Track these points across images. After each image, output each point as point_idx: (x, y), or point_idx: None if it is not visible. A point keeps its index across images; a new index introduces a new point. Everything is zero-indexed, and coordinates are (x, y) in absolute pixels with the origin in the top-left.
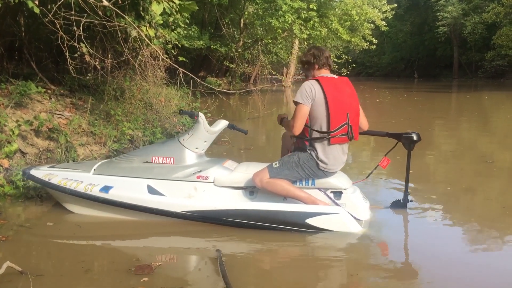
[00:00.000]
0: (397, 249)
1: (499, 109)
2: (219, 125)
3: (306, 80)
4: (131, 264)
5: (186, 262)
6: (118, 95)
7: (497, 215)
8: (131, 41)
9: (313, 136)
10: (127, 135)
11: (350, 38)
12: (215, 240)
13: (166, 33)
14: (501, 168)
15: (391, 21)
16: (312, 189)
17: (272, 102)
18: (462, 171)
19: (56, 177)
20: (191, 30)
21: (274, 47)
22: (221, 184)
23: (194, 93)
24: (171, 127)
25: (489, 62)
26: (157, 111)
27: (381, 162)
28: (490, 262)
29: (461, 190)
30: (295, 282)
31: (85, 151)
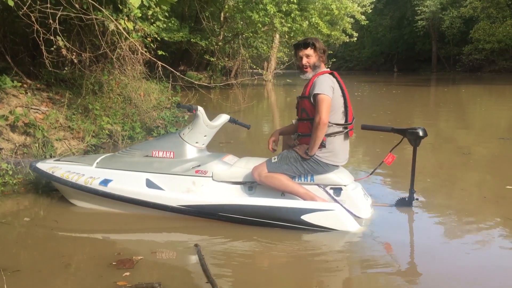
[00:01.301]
0: (396, 248)
1: (475, 102)
2: (220, 120)
3: (305, 72)
4: (113, 258)
5: (168, 256)
6: (96, 89)
7: (479, 205)
8: (108, 35)
9: (332, 131)
10: (106, 129)
11: (330, 32)
12: (197, 235)
13: (145, 26)
14: (477, 159)
15: (370, 15)
16: (311, 185)
17: (253, 96)
18: (441, 164)
19: (59, 170)
20: (171, 22)
21: (255, 41)
22: (220, 179)
23: (174, 87)
24: (151, 121)
25: (466, 56)
26: (136, 106)
27: (385, 158)
28: (496, 260)
29: (440, 182)
30: (279, 277)
31: (63, 146)
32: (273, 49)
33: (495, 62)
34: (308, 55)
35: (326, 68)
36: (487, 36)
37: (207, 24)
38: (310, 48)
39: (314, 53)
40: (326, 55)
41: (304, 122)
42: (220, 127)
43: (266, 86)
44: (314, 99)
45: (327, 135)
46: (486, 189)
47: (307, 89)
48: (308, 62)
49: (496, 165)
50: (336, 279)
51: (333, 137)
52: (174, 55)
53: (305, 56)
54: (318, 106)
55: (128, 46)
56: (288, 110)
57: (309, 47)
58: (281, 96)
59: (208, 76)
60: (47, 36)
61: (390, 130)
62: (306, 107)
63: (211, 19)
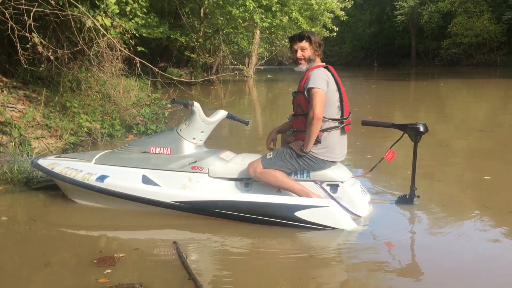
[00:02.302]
0: (396, 246)
1: (454, 96)
2: (217, 116)
3: (299, 64)
4: (94, 256)
5: (149, 253)
6: (74, 87)
7: (462, 197)
8: (85, 31)
9: (328, 126)
10: (85, 127)
11: (310, 27)
12: (179, 232)
13: (123, 22)
14: (455, 151)
15: (350, 10)
16: (307, 182)
17: (235, 92)
18: (421, 156)
19: (59, 166)
20: (150, 18)
21: (236, 37)
22: (216, 175)
23: (154, 84)
24: (131, 118)
25: (445, 50)
26: (115, 103)
27: (386, 154)
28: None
29: (421, 175)
30: (260, 273)
31: (40, 145)
32: (254, 45)
33: (473, 56)
34: (303, 48)
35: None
36: (464, 30)
37: (187, 20)
38: (305, 41)
39: (309, 46)
40: (322, 49)
41: (299, 118)
42: (217, 123)
43: (247, 82)
44: (308, 94)
45: (323, 131)
46: (466, 180)
47: (301, 83)
48: (303, 55)
49: (474, 157)
50: (331, 277)
51: (329, 133)
52: (154, 51)
53: (300, 49)
54: (312, 100)
55: (106, 42)
56: (270, 106)
57: (304, 40)
58: (263, 91)
59: (189, 73)
60: (22, 33)
61: (390, 126)
62: (301, 102)
63: (191, 15)
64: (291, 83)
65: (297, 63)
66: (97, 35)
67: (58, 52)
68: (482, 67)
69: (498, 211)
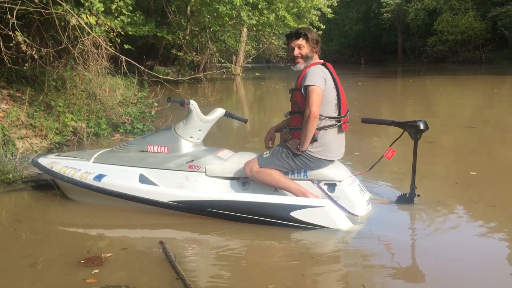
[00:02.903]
0: (396, 246)
1: (440, 93)
2: (215, 114)
3: (296, 63)
4: (81, 256)
5: (138, 253)
6: (59, 86)
7: (448, 192)
8: (69, 29)
9: (324, 124)
10: (70, 126)
11: (297, 25)
12: (167, 231)
13: (109, 20)
14: (442, 147)
15: (337, 8)
16: (304, 181)
17: (222, 90)
18: (408, 153)
19: (58, 165)
20: (136, 16)
21: (223, 35)
22: (213, 174)
23: (141, 83)
24: (117, 117)
25: (431, 47)
26: (101, 102)
27: (386, 153)
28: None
29: (408, 171)
30: (250, 271)
31: (25, 145)
32: (241, 42)
33: (458, 53)
34: (300, 45)
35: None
36: (450, 27)
37: (174, 18)
38: (302, 38)
39: (306, 43)
40: (319, 46)
41: (296, 115)
42: (215, 121)
43: (235, 80)
44: (305, 91)
45: (319, 129)
46: (453, 176)
47: (298, 80)
48: (300, 53)
49: (461, 153)
50: (322, 275)
51: (326, 131)
52: (141, 50)
53: (297, 47)
54: (308, 98)
55: (92, 41)
56: (257, 103)
57: (301, 37)
58: (250, 89)
59: (176, 71)
60: (5, 32)
61: (390, 123)
62: (297, 99)
63: (177, 13)
64: (278, 81)
65: (294, 61)
66: (82, 34)
67: (42, 51)
68: (468, 64)
69: (493, 206)
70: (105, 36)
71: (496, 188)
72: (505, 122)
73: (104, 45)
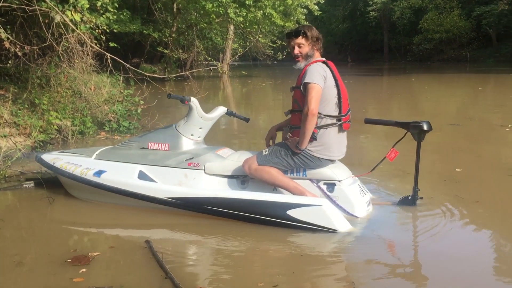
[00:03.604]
0: (397, 248)
1: (425, 91)
2: (216, 112)
3: (297, 61)
4: (68, 255)
5: (125, 251)
6: (43, 83)
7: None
8: (53, 27)
9: (324, 123)
10: (54, 125)
11: (284, 23)
12: (155, 230)
13: (94, 17)
14: (428, 144)
15: (323, 6)
16: (303, 180)
17: (209, 88)
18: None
19: (60, 161)
20: (122, 14)
21: (209, 33)
22: (212, 172)
23: (127, 81)
24: (103, 115)
25: (416, 45)
26: (86, 100)
27: (388, 154)
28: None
29: (395, 168)
30: (239, 269)
31: (8, 143)
32: (228, 40)
33: (444, 52)
34: (300, 44)
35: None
36: (435, 26)
37: (160, 16)
38: (301, 37)
39: (306, 42)
40: (321, 43)
41: (296, 114)
42: (216, 119)
43: (222, 78)
44: (304, 89)
45: (319, 128)
46: (440, 173)
47: (299, 78)
48: (300, 52)
49: (447, 150)
50: (314, 274)
51: (325, 130)
52: (127, 47)
53: (296, 46)
54: (307, 95)
55: (77, 38)
56: (244, 101)
57: (300, 36)
58: (237, 87)
59: (162, 69)
60: None
61: (393, 124)
62: (298, 97)
63: (163, 10)
64: (265, 79)
65: (295, 60)
66: (67, 31)
67: (26, 48)
68: (453, 62)
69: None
70: (90, 34)
71: (484, 185)
72: (490, 120)
73: (89, 42)
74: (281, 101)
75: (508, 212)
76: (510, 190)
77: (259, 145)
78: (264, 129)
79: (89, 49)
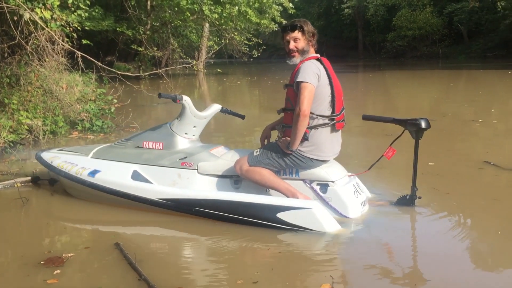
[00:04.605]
0: (393, 251)
1: (399, 87)
2: (210, 110)
3: (292, 57)
4: (42, 257)
5: (100, 252)
6: (12, 83)
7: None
8: (22, 24)
9: (317, 123)
10: (25, 124)
11: (259, 20)
12: (131, 229)
13: (65, 15)
14: (402, 140)
15: (299, 3)
16: (296, 181)
17: (184, 86)
18: (369, 148)
19: (58, 159)
20: (94, 11)
21: (184, 30)
22: (205, 171)
23: (101, 79)
24: (75, 115)
25: (390, 42)
26: (58, 99)
27: (386, 152)
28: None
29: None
30: (216, 268)
31: None
32: (203, 38)
33: (417, 48)
34: (296, 38)
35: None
36: (408, 23)
37: (133, 13)
38: (298, 31)
39: (302, 36)
40: (316, 39)
41: (289, 113)
42: (210, 117)
43: (197, 76)
44: (297, 88)
45: (311, 128)
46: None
47: (292, 76)
48: (296, 47)
49: (421, 144)
50: (295, 272)
51: (317, 130)
52: (100, 45)
53: (292, 40)
54: (299, 95)
55: (47, 36)
56: (221, 98)
57: (296, 30)
58: (213, 85)
59: (137, 67)
60: None
61: (391, 121)
62: (290, 96)
63: (137, 7)
64: (240, 76)
65: (289, 55)
66: (36, 29)
67: None
68: (426, 59)
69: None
70: (61, 31)
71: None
72: (462, 115)
73: (59, 40)
74: (257, 98)
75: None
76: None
77: (237, 144)
78: (241, 126)
79: (60, 47)
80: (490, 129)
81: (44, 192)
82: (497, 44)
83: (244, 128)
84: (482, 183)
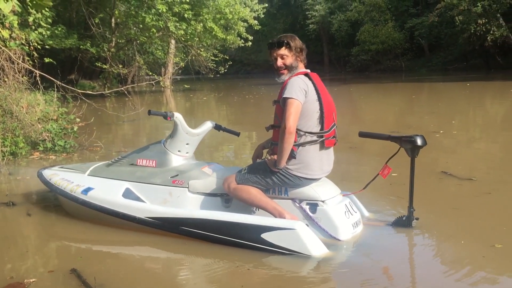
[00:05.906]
0: (389, 274)
1: (363, 100)
2: (203, 127)
3: (280, 74)
4: (4, 283)
5: (64, 275)
6: None
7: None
8: None
9: (304, 140)
10: None
11: (225, 36)
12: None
13: (25, 33)
14: (367, 153)
15: (264, 19)
16: (285, 200)
17: (151, 103)
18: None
19: (56, 176)
20: (57, 29)
21: (150, 47)
22: (195, 190)
23: (65, 98)
24: (37, 135)
25: (355, 57)
26: (18, 119)
27: (381, 171)
28: None
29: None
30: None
31: None
32: (169, 54)
33: (380, 62)
34: (283, 55)
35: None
36: (371, 38)
37: (97, 31)
38: (284, 47)
39: (289, 52)
40: (304, 54)
41: (277, 129)
42: (203, 134)
43: (164, 93)
44: (283, 104)
45: (298, 145)
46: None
47: (280, 92)
48: (284, 63)
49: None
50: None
51: (305, 147)
52: (64, 63)
53: (279, 57)
54: (285, 111)
55: (7, 55)
56: (189, 115)
57: (283, 47)
58: (180, 101)
59: (102, 85)
60: None
61: (387, 138)
62: (278, 112)
63: (101, 25)
64: (207, 92)
65: (278, 73)
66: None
67: None
68: (389, 72)
69: None
70: (21, 50)
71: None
72: (426, 126)
73: (18, 60)
74: (225, 112)
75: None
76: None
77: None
78: (209, 141)
79: (20, 66)
80: (451, 140)
81: (4, 213)
82: (456, 57)
83: (209, 144)
84: (442, 193)
